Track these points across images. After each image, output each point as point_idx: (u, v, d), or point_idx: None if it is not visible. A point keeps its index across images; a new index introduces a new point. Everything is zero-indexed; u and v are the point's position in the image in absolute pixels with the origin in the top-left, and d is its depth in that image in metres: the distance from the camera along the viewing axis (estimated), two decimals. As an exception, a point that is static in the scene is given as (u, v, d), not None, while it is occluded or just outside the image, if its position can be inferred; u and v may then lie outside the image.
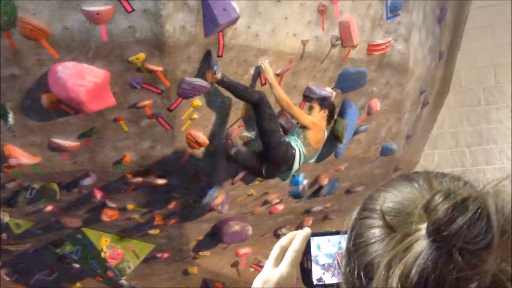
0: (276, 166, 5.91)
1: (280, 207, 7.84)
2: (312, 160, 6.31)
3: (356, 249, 1.05)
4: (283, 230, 8.54)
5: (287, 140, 5.90)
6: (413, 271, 0.92)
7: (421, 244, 0.93)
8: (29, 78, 5.11)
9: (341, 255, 1.12)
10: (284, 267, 1.26)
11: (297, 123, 6.08)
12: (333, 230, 1.30)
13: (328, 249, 1.29)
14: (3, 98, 5.19)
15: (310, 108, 6.19)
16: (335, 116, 6.46)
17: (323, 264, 1.29)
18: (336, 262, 1.28)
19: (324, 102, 6.20)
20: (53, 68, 5.00)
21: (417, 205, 0.98)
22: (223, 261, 8.53)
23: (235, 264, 8.64)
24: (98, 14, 4.80)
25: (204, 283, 8.81)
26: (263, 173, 5.91)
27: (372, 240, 1.02)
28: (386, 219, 1.01)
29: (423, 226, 0.95)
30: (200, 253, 8.07)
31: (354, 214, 1.10)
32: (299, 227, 8.41)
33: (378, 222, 1.03)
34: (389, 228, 1.00)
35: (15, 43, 4.83)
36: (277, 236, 8.59)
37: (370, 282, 0.99)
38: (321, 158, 7.13)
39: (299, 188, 6.39)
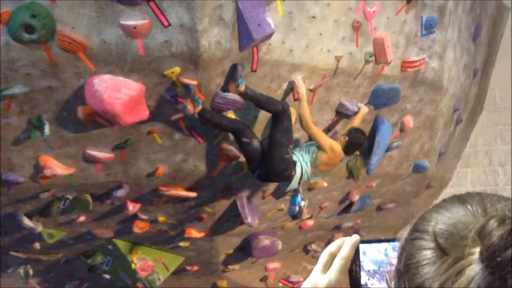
0: (269, 177, 5.89)
1: (310, 222, 7.82)
2: (313, 180, 6.31)
3: (407, 270, 1.04)
4: (313, 246, 8.51)
5: (295, 156, 5.86)
6: None
7: (474, 269, 0.93)
8: (66, 90, 5.18)
9: (391, 274, 1.12)
10: (333, 273, 1.26)
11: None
12: (382, 238, 1.30)
13: (374, 256, 1.29)
14: (40, 109, 5.27)
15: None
16: (357, 151, 6.38)
17: (368, 271, 1.29)
18: (382, 269, 1.28)
19: (351, 133, 6.15)
20: (89, 81, 5.07)
21: (470, 229, 0.98)
22: (252, 275, 8.52)
23: (264, 279, 8.62)
24: (135, 28, 4.86)
25: (233, 296, 8.81)
26: (255, 174, 5.87)
27: (424, 262, 1.01)
28: (439, 241, 1.00)
29: (477, 251, 0.94)
30: (229, 266, 8.07)
31: (405, 234, 1.10)
32: (329, 243, 8.37)
33: (430, 244, 1.02)
34: (441, 250, 0.99)
35: (53, 56, 4.91)
36: (307, 252, 8.57)
37: None
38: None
39: (295, 209, 6.34)
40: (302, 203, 6.34)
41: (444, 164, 8.48)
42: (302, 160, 5.90)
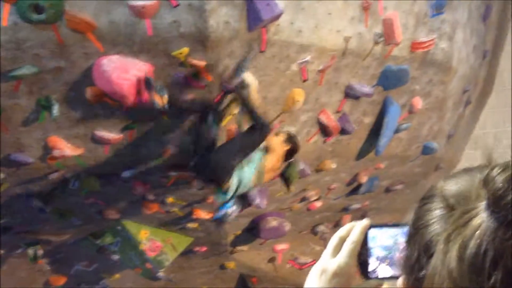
0: (206, 168, 5.49)
1: (318, 204, 7.83)
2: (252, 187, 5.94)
3: (416, 232, 1.06)
4: (321, 227, 8.53)
5: (236, 172, 5.56)
6: (472, 243, 0.93)
7: (481, 217, 0.94)
8: (75, 71, 5.18)
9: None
10: (342, 257, 1.26)
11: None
12: (392, 223, 1.30)
13: (384, 242, 1.29)
14: (48, 90, 5.28)
15: (276, 133, 5.88)
16: (292, 158, 6.09)
17: (378, 256, 1.29)
18: (391, 255, 1.28)
19: (291, 138, 5.88)
20: (98, 62, 5.07)
21: (476, 185, 1.00)
22: (260, 257, 8.56)
23: (272, 260, 8.66)
24: (143, 8, 4.84)
25: (241, 278, 8.85)
26: (192, 162, 5.55)
27: (432, 221, 1.03)
28: (447, 200, 1.02)
29: (482, 203, 0.96)
30: (238, 247, 8.11)
31: (415, 206, 1.11)
32: (337, 224, 8.40)
33: (438, 205, 1.04)
34: (449, 207, 1.01)
35: (61, 36, 4.91)
36: (315, 234, 8.59)
37: (429, 260, 0.99)
38: (361, 155, 7.11)
39: (222, 213, 6.19)
40: (230, 210, 6.13)
41: (453, 145, 8.46)
42: (244, 171, 5.60)
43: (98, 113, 5.54)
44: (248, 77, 5.42)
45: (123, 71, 5.05)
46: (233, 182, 5.56)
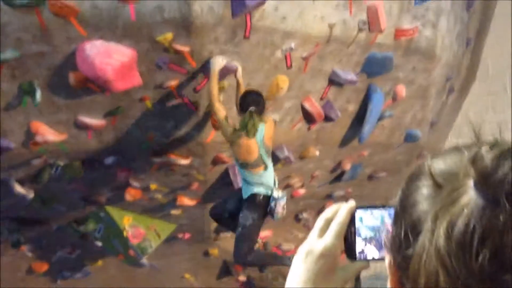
0: None
1: (302, 191, 7.84)
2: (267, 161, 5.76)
3: (403, 210, 1.04)
4: (304, 215, 8.55)
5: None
6: (460, 221, 0.92)
7: (469, 195, 0.94)
8: (57, 56, 5.14)
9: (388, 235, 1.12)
10: (329, 238, 1.25)
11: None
12: (379, 204, 1.29)
13: (371, 222, 1.28)
14: (31, 75, 5.23)
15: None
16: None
17: (365, 237, 1.28)
18: (378, 235, 1.27)
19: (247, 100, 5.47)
20: (81, 46, 5.03)
21: (465, 163, 0.99)
22: (244, 244, 8.56)
23: (255, 247, 8.66)
24: (127, -7, 4.80)
25: (224, 264, 8.86)
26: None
27: (420, 199, 1.01)
28: (435, 178, 1.00)
29: (471, 181, 0.95)
30: (221, 234, 8.11)
31: (402, 185, 1.10)
32: (320, 211, 8.41)
33: (426, 183, 1.02)
34: (437, 186, 0.99)
35: (44, 20, 4.86)
36: (298, 221, 8.61)
37: (416, 239, 0.98)
38: (344, 142, 7.13)
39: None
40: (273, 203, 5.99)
41: (436, 133, 8.50)
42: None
43: (81, 99, 5.50)
44: (214, 60, 5.33)
45: (106, 56, 5.01)
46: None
